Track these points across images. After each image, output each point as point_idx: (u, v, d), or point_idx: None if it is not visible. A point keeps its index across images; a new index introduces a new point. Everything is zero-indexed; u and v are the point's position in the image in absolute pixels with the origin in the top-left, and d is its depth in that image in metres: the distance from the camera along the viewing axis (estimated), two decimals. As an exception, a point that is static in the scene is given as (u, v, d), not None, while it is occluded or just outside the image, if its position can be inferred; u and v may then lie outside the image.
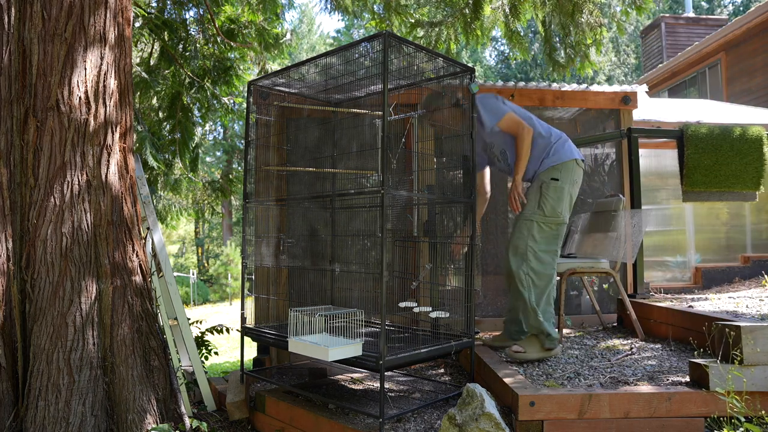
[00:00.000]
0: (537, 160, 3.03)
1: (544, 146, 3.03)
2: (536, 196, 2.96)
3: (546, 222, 2.93)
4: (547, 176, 2.96)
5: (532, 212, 2.95)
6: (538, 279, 2.90)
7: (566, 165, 2.96)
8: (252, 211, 3.61)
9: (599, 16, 5.20)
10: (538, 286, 2.91)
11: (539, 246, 2.92)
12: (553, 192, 2.92)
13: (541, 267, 2.91)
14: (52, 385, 2.49)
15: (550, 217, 2.92)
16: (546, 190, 2.93)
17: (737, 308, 3.30)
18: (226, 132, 21.95)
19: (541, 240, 2.93)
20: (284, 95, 3.59)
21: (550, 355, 2.93)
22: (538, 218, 2.93)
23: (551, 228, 2.94)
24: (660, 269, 5.60)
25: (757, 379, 2.31)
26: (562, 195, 2.93)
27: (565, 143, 3.04)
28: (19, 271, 2.57)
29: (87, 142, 2.67)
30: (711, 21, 13.58)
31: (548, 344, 2.90)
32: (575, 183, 2.99)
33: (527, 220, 2.95)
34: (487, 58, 27.86)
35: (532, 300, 2.91)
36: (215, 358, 7.02)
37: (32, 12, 2.63)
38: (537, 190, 2.97)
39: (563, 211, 2.94)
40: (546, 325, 2.90)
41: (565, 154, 2.98)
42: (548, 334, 2.90)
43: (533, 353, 2.92)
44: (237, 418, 3.05)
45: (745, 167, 3.93)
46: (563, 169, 2.95)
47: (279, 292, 3.80)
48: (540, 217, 2.93)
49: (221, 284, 19.81)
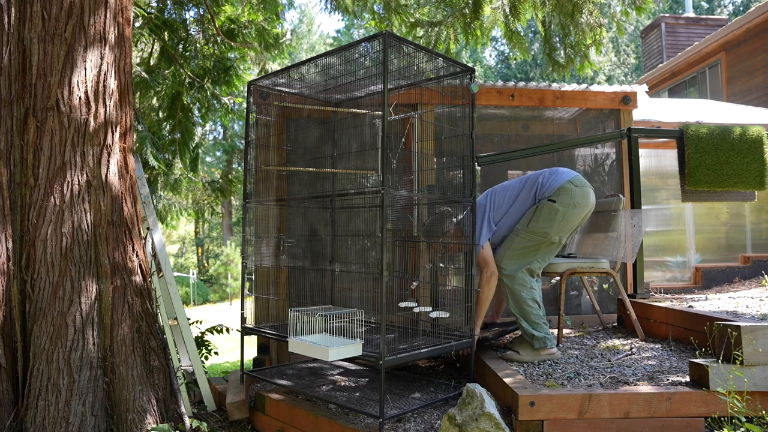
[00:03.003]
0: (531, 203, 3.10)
1: (535, 192, 3.08)
2: (530, 214, 3.05)
3: (527, 232, 3.02)
4: (545, 198, 3.03)
5: (522, 227, 3.05)
6: (513, 286, 3.00)
7: (563, 188, 3.00)
8: (252, 211, 3.61)
9: (599, 16, 5.20)
10: (513, 293, 3.00)
11: (517, 256, 3.02)
12: (546, 212, 2.99)
13: (514, 274, 3.00)
14: (52, 385, 2.49)
15: (535, 235, 3.01)
16: (540, 210, 3.01)
17: (737, 308, 3.30)
18: (226, 132, 21.94)
19: (520, 251, 3.02)
20: (284, 95, 3.59)
21: (545, 356, 2.95)
22: (523, 233, 3.04)
23: (534, 243, 3.01)
24: (660, 269, 5.60)
25: (757, 379, 2.31)
26: (554, 216, 2.97)
27: (553, 172, 3.11)
28: (19, 271, 2.57)
29: (87, 142, 2.67)
30: (711, 21, 13.58)
31: (536, 344, 2.95)
32: (577, 206, 2.99)
33: (514, 233, 3.08)
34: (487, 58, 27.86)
35: (511, 306, 3.02)
36: (215, 358, 7.02)
37: (32, 12, 2.63)
38: (532, 210, 3.05)
39: (551, 231, 2.99)
40: (528, 328, 2.97)
41: (557, 182, 3.03)
42: (533, 335, 2.96)
43: (526, 356, 2.98)
44: (237, 418, 3.05)
45: (746, 166, 3.93)
46: (561, 193, 3.00)
47: (279, 292, 3.80)
48: (524, 232, 3.03)
49: (221, 284, 19.82)
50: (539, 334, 2.95)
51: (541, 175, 3.12)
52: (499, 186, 3.28)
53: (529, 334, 2.96)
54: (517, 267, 3.01)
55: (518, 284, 3.00)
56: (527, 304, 2.98)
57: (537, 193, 3.07)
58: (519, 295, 2.99)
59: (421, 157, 3.75)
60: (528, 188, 3.12)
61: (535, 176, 3.14)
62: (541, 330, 2.96)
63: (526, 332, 2.98)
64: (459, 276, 3.26)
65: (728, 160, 3.92)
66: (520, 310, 3.00)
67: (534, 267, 3.03)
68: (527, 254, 3.03)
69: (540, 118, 4.40)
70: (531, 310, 2.98)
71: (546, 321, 3.03)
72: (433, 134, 3.84)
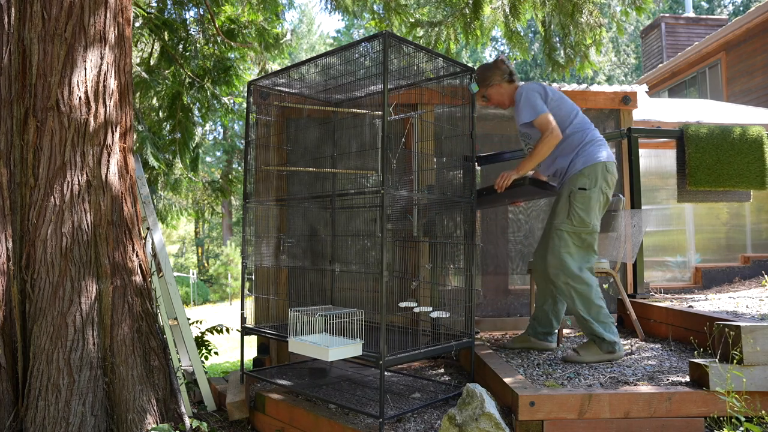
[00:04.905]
0: (567, 156, 2.97)
1: (578, 142, 2.95)
2: (565, 205, 2.92)
3: (575, 231, 2.90)
4: (575, 184, 2.91)
5: (561, 221, 2.91)
6: (578, 287, 2.87)
7: (593, 168, 2.89)
8: (252, 211, 3.61)
9: (599, 16, 5.20)
10: (580, 295, 2.87)
11: (573, 255, 2.90)
12: (581, 202, 2.88)
13: (579, 276, 2.88)
14: (52, 385, 2.49)
15: (579, 227, 2.89)
16: (574, 200, 2.89)
17: (737, 308, 3.30)
18: (226, 132, 21.95)
19: (575, 249, 2.91)
20: (284, 95, 3.59)
21: (611, 358, 2.86)
22: (568, 228, 2.90)
23: (581, 237, 2.91)
24: (660, 269, 5.60)
25: (757, 379, 2.31)
26: (590, 204, 2.88)
27: (597, 146, 2.96)
28: (19, 271, 2.57)
29: (87, 142, 2.67)
30: (711, 21, 13.58)
31: (606, 348, 2.86)
32: (605, 187, 2.92)
33: (558, 230, 2.92)
34: (487, 58, 27.87)
35: (579, 308, 2.87)
36: (215, 358, 7.02)
37: (32, 12, 2.63)
38: (566, 200, 2.92)
39: (592, 220, 2.89)
40: (600, 330, 2.85)
41: (593, 157, 2.91)
42: (603, 339, 2.85)
43: (589, 357, 2.87)
44: (237, 418, 3.05)
45: (747, 166, 3.93)
46: (591, 174, 2.89)
47: (279, 292, 3.80)
48: (569, 227, 2.89)
49: (221, 284, 19.83)
50: (610, 337, 2.85)
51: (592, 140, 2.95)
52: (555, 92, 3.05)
53: (600, 336, 2.85)
54: (585, 268, 2.90)
55: (585, 284, 2.88)
56: (596, 304, 2.88)
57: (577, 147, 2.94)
58: (587, 296, 2.87)
59: (421, 157, 3.75)
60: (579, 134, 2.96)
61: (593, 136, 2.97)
62: (611, 332, 2.87)
63: (596, 334, 2.86)
64: (459, 276, 3.26)
65: (729, 160, 3.92)
66: (589, 312, 2.87)
67: (593, 263, 2.95)
68: (584, 249, 2.92)
69: (540, 118, 4.40)
70: (601, 310, 2.88)
71: (614, 321, 2.94)
72: (433, 134, 3.84)
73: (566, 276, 2.88)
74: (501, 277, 4.34)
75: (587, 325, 2.88)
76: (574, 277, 2.88)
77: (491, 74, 3.09)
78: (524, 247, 4.33)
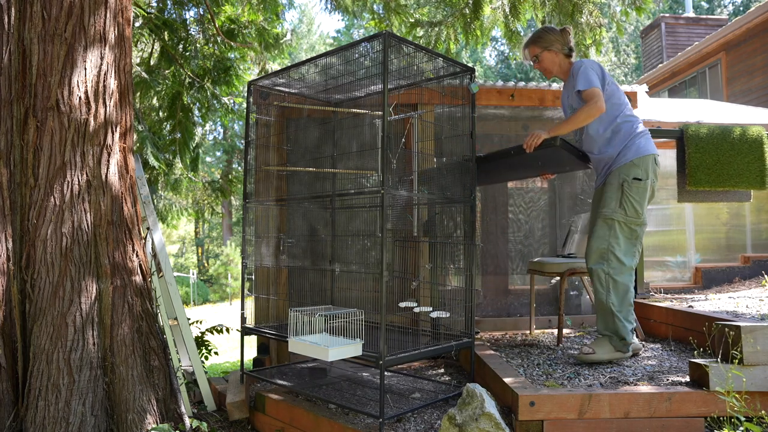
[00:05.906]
0: (617, 145, 2.88)
1: (628, 133, 2.88)
2: (617, 194, 2.81)
3: (628, 222, 2.81)
4: (629, 174, 2.81)
5: (613, 211, 2.81)
6: (619, 279, 2.80)
7: (646, 160, 2.82)
8: (252, 211, 3.61)
9: (599, 17, 5.21)
10: (618, 287, 2.80)
11: (621, 247, 2.81)
12: (636, 193, 2.80)
13: (622, 268, 2.81)
14: (52, 385, 2.49)
15: (632, 218, 2.81)
16: (629, 190, 2.79)
17: (737, 308, 3.30)
18: (226, 132, 21.96)
19: (623, 240, 2.82)
20: (284, 95, 3.59)
21: (621, 357, 2.83)
22: (620, 218, 2.80)
23: (632, 229, 2.83)
24: (660, 269, 5.60)
25: (757, 379, 2.31)
26: (644, 195, 2.81)
27: (647, 138, 2.89)
28: (19, 271, 2.57)
29: (87, 142, 2.67)
30: (711, 21, 13.58)
31: (618, 346, 2.81)
32: (654, 180, 2.87)
33: (608, 219, 2.82)
34: (487, 58, 27.87)
35: (612, 301, 2.79)
36: (215, 358, 7.02)
37: (32, 12, 2.63)
38: (618, 188, 2.82)
39: (644, 212, 2.84)
40: (623, 328, 2.80)
41: (645, 148, 2.84)
42: (622, 338, 2.80)
43: (603, 354, 2.81)
44: (237, 418, 3.05)
45: (747, 166, 3.94)
46: (643, 165, 2.82)
47: (279, 292, 3.80)
48: (622, 216, 2.80)
49: (221, 284, 19.83)
50: (630, 337, 2.82)
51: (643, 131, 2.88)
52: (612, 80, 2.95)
53: (621, 335, 2.80)
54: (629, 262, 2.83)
55: (627, 279, 2.81)
56: (629, 302, 2.83)
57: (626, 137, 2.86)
58: (625, 291, 2.80)
59: (421, 157, 3.75)
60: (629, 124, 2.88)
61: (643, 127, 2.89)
62: (629, 333, 2.83)
63: (618, 331, 2.80)
64: (459, 276, 3.26)
65: (729, 159, 3.93)
66: (621, 308, 2.80)
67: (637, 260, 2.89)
68: (632, 242, 2.85)
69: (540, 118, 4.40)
70: (631, 309, 2.84)
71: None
72: (433, 134, 3.84)
73: (609, 266, 2.80)
74: (501, 277, 4.34)
75: (613, 320, 2.80)
76: (617, 269, 2.79)
77: (554, 39, 3.01)
78: (524, 247, 4.33)
